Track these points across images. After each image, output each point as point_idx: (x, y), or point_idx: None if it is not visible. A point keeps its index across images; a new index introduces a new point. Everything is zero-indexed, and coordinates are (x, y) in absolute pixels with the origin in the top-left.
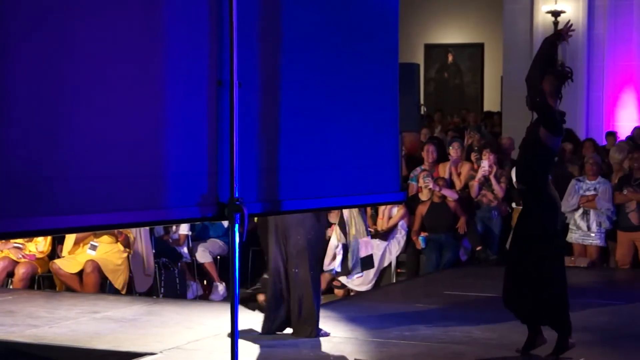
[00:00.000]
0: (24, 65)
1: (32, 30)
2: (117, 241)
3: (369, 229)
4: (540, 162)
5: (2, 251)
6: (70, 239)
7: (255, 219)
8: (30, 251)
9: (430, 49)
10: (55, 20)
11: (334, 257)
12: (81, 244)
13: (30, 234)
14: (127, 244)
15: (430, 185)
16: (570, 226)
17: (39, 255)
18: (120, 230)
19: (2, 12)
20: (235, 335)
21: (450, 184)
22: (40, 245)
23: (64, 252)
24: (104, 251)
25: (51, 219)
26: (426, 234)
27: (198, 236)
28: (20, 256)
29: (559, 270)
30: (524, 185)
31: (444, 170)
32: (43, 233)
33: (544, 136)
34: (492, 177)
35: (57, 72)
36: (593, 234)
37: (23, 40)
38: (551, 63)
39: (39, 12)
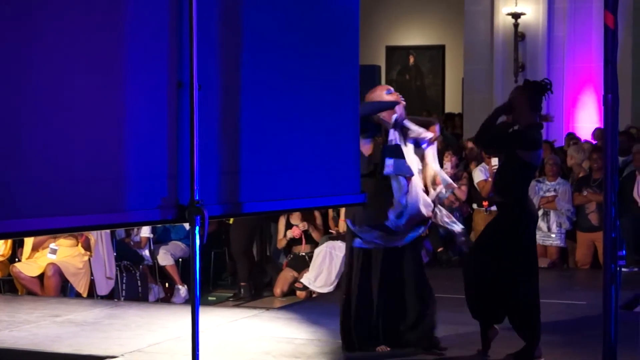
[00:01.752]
0: None
1: None
2: (77, 243)
3: (331, 230)
4: (522, 178)
5: None
6: (28, 244)
7: (231, 220)
8: None
9: (391, 50)
10: (15, 22)
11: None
12: (40, 249)
13: None
14: (87, 246)
15: None
16: None
17: None
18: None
19: None
20: (196, 337)
21: None
22: (0, 248)
23: (23, 258)
24: (65, 255)
25: (10, 222)
26: None
27: (159, 239)
28: None
29: (536, 281)
30: (504, 199)
31: None
32: (2, 236)
33: (522, 155)
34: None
35: (16, 72)
36: (553, 235)
37: None
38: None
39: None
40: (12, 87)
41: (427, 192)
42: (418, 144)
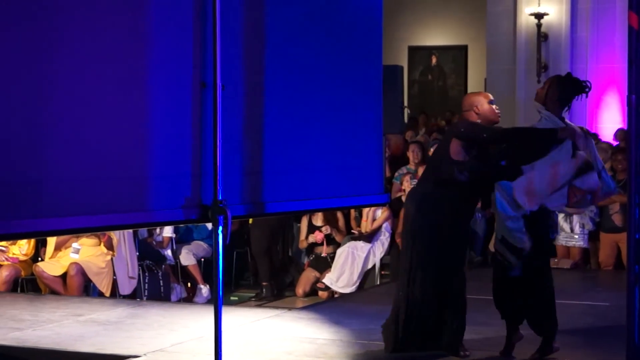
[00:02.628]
0: (4, 66)
1: (14, 32)
2: (100, 243)
3: (353, 230)
4: None
5: None
6: (51, 244)
7: (250, 220)
8: (13, 254)
9: (414, 51)
10: (39, 21)
11: None
12: (62, 248)
13: (13, 237)
14: (110, 245)
15: None
16: None
17: (22, 258)
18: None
19: None
20: (218, 337)
21: None
22: (23, 248)
23: (46, 257)
24: (88, 254)
25: (35, 221)
26: None
27: (182, 238)
28: (4, 259)
29: (550, 272)
30: None
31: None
32: (26, 236)
33: None
34: None
35: (40, 73)
36: (576, 236)
37: (4, 41)
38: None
39: (21, 14)
40: (36, 88)
41: None
42: None
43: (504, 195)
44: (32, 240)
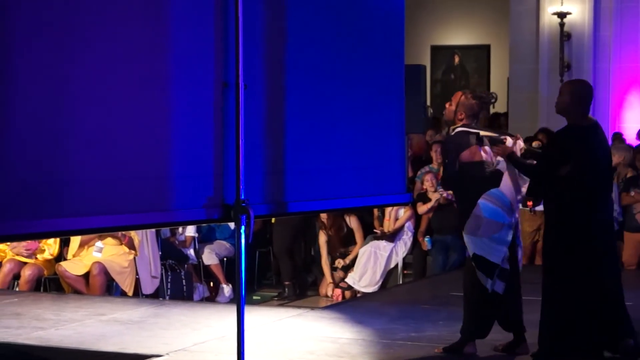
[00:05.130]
0: (30, 68)
1: (38, 33)
2: (121, 243)
3: (375, 230)
4: None
5: (6, 252)
6: (74, 242)
7: (273, 219)
8: (43, 258)
9: (436, 50)
10: (61, 22)
11: None
12: (86, 247)
13: (36, 236)
14: (131, 246)
15: (445, 194)
16: None
17: (47, 258)
18: (124, 232)
19: (7, 13)
20: (241, 336)
21: None
22: (51, 248)
23: (69, 255)
24: (110, 253)
25: (57, 221)
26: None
27: (204, 238)
28: (31, 253)
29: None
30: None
31: None
32: (49, 235)
33: None
34: None
35: (63, 75)
36: None
37: (29, 42)
38: None
39: (44, 15)
40: (59, 89)
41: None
42: None
43: (496, 203)
44: (58, 241)
